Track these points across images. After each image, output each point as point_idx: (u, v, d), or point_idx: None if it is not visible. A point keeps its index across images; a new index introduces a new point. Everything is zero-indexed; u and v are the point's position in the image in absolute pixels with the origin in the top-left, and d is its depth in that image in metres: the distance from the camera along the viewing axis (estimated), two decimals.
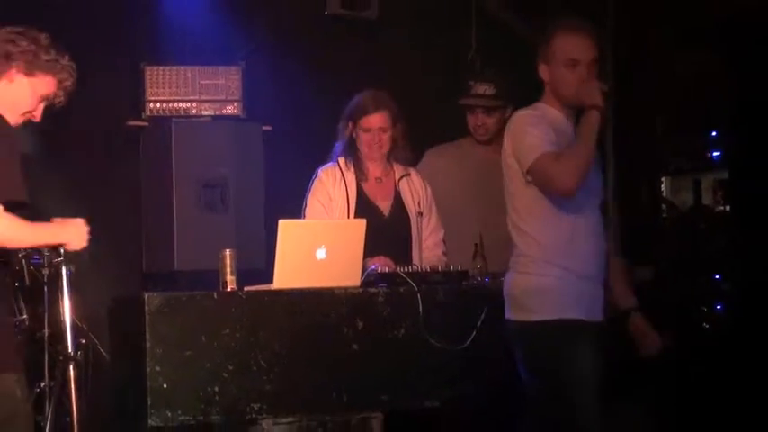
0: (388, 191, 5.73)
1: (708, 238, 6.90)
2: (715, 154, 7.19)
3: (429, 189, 5.80)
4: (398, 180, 5.74)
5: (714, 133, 7.08)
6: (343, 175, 5.65)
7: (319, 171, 5.69)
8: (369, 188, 5.69)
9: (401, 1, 7.16)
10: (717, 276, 6.82)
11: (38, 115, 4.29)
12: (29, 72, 4.20)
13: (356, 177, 5.67)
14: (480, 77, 6.29)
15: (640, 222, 7.38)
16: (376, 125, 5.64)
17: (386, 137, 5.66)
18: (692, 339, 5.98)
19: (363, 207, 5.60)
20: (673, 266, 6.57)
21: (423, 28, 7.33)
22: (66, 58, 4.27)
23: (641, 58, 7.14)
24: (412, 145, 5.82)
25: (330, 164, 5.70)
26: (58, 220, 4.24)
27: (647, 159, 7.46)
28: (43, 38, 4.23)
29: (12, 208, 4.05)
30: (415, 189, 5.75)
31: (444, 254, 5.75)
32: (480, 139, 6.29)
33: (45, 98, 4.27)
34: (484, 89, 6.25)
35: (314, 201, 5.62)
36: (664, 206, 7.55)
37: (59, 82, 4.26)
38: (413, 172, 5.81)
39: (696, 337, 6.30)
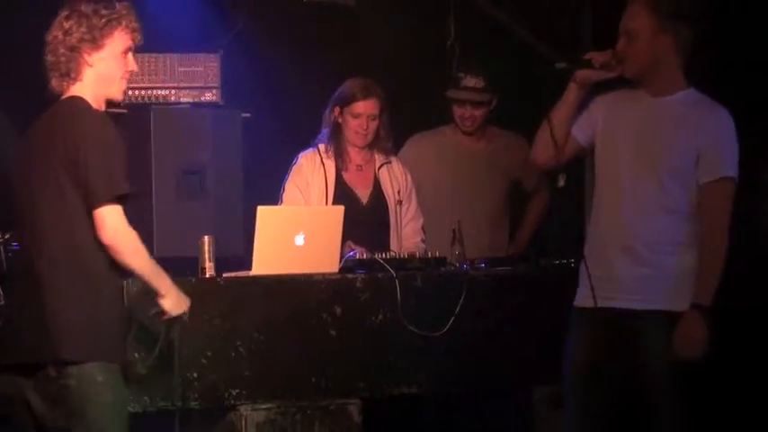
0: (367, 179, 5.75)
1: None
2: None
3: (409, 177, 5.82)
4: (378, 168, 5.75)
5: None
6: (322, 161, 5.67)
7: (299, 156, 5.71)
8: (348, 176, 5.70)
9: None
10: None
11: (134, 66, 4.32)
12: (97, 47, 4.20)
13: (336, 165, 5.68)
14: (470, 70, 6.30)
15: None
16: (365, 112, 5.66)
17: (374, 124, 5.68)
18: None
19: (342, 194, 5.62)
20: None
21: (401, 14, 7.33)
22: (115, 4, 4.25)
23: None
24: (393, 136, 5.84)
25: (310, 149, 5.72)
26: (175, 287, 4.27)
27: None
28: (84, 7, 4.20)
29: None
30: (395, 177, 5.76)
31: (423, 241, 5.77)
32: (466, 130, 6.31)
33: (128, 49, 4.28)
34: (474, 82, 6.27)
35: (291, 186, 5.64)
36: None
37: (128, 30, 4.27)
38: (394, 160, 5.83)
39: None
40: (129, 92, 6.34)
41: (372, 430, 5.05)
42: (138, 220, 6.24)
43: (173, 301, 4.24)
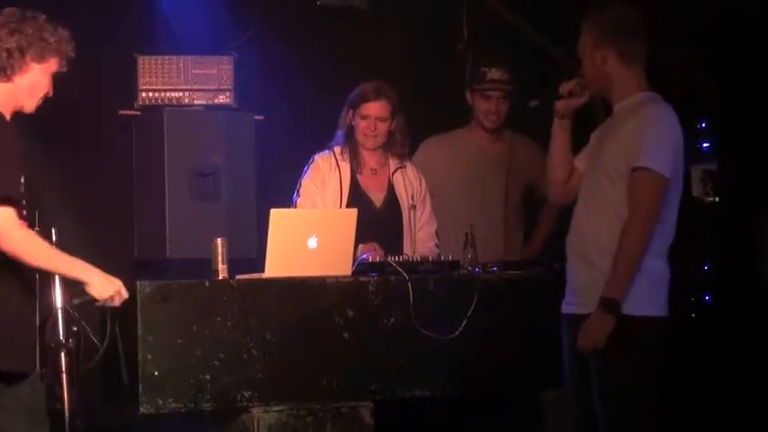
0: (382, 183, 5.75)
1: (696, 229, 6.92)
2: (704, 145, 7.20)
3: (424, 182, 5.82)
4: (393, 172, 5.75)
5: (703, 124, 7.09)
6: (338, 163, 5.68)
7: (316, 157, 5.72)
8: (363, 179, 5.71)
9: None
10: (705, 267, 6.84)
11: (50, 91, 4.36)
12: (41, 59, 4.25)
13: (351, 167, 5.68)
14: (494, 63, 6.29)
15: None
16: (374, 113, 5.66)
17: (383, 126, 5.67)
18: (679, 329, 5.99)
19: (356, 197, 5.63)
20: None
21: (414, 17, 7.34)
22: (64, 30, 4.33)
23: None
24: (409, 138, 5.84)
25: (326, 151, 5.73)
26: (97, 271, 4.24)
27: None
28: (42, 19, 4.27)
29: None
30: (409, 182, 5.76)
31: (437, 246, 5.77)
32: (490, 125, 6.30)
33: (55, 74, 4.34)
34: (500, 74, 6.26)
35: (308, 182, 5.64)
36: None
37: (66, 56, 4.34)
38: (408, 165, 5.82)
39: (684, 328, 6.32)
40: (143, 94, 6.38)
41: None
42: (151, 222, 6.33)
43: (98, 286, 4.23)
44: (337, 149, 5.71)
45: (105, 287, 4.22)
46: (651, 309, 4.60)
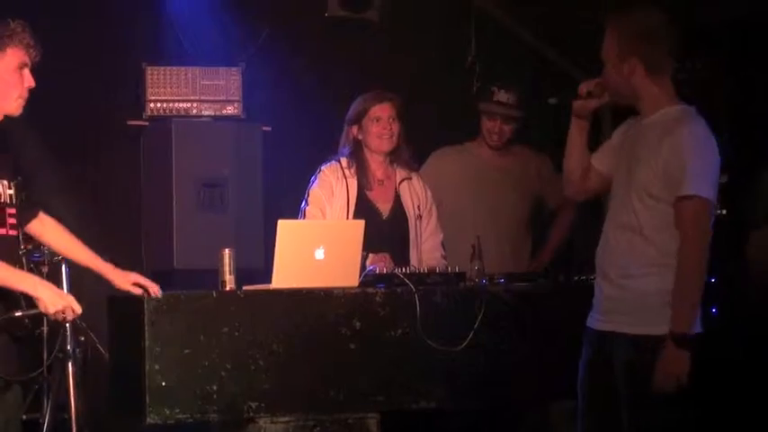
0: (388, 193, 5.74)
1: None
2: None
3: (429, 193, 5.81)
4: (399, 183, 5.75)
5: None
6: (345, 175, 5.66)
7: (323, 167, 5.69)
8: (370, 191, 5.70)
9: (401, 3, 7.18)
10: (712, 279, 6.82)
11: (31, 82, 4.30)
12: None
13: (359, 181, 5.66)
14: (503, 85, 6.29)
15: None
16: (385, 114, 5.63)
17: (396, 126, 5.64)
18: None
19: (363, 207, 5.62)
20: None
21: (423, 30, 7.35)
22: (9, 22, 4.26)
23: None
24: (412, 147, 5.83)
25: (333, 162, 5.71)
26: (49, 284, 4.22)
27: None
28: None
29: None
30: (415, 192, 5.76)
31: (444, 257, 5.77)
32: (493, 144, 6.31)
33: (23, 65, 4.28)
34: (507, 97, 6.26)
35: (317, 190, 5.60)
36: None
37: (22, 46, 4.26)
38: (414, 176, 5.81)
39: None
40: (151, 104, 6.39)
41: None
42: (158, 232, 6.35)
43: (47, 300, 4.17)
44: (344, 161, 5.69)
45: (54, 301, 4.17)
46: (696, 327, 4.47)
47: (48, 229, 4.56)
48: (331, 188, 5.61)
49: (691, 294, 4.40)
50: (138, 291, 4.65)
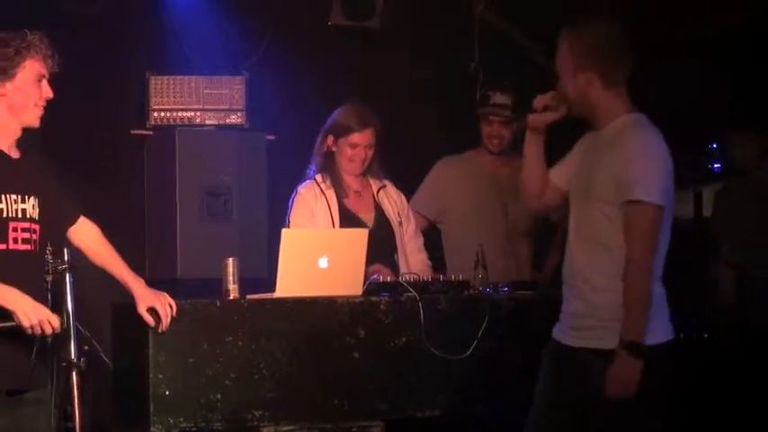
0: (368, 203, 5.73)
1: (708, 249, 6.91)
2: (716, 166, 7.20)
3: (404, 198, 5.81)
4: (377, 192, 5.74)
5: (714, 145, 7.10)
6: (322, 191, 5.63)
7: (299, 188, 5.66)
8: (350, 202, 5.67)
9: (404, 11, 7.19)
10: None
11: (48, 93, 4.31)
12: (9, 77, 4.23)
13: (336, 193, 5.65)
14: (499, 87, 6.30)
15: None
16: (362, 143, 5.62)
17: (370, 153, 5.65)
18: (691, 351, 6.00)
19: (347, 221, 5.59)
20: (673, 278, 6.59)
21: (425, 38, 7.36)
22: (27, 33, 4.25)
23: (639, 71, 7.17)
24: (413, 156, 5.84)
25: (307, 181, 5.68)
26: (27, 298, 4.19)
27: None
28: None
29: None
30: (393, 199, 5.75)
31: (428, 258, 5.77)
32: (493, 149, 6.30)
33: (41, 77, 4.29)
34: (503, 99, 6.26)
35: (297, 215, 5.56)
36: None
37: (40, 57, 4.27)
38: (388, 183, 5.79)
39: (696, 350, 6.33)
40: (155, 113, 6.40)
41: None
42: (162, 241, 6.35)
43: (22, 314, 4.15)
44: (318, 177, 5.65)
45: (29, 315, 4.15)
46: (661, 335, 4.47)
47: (83, 238, 4.57)
48: (310, 210, 5.58)
49: (638, 301, 4.37)
50: (149, 319, 4.64)
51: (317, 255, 5.01)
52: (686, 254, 4.74)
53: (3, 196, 4.22)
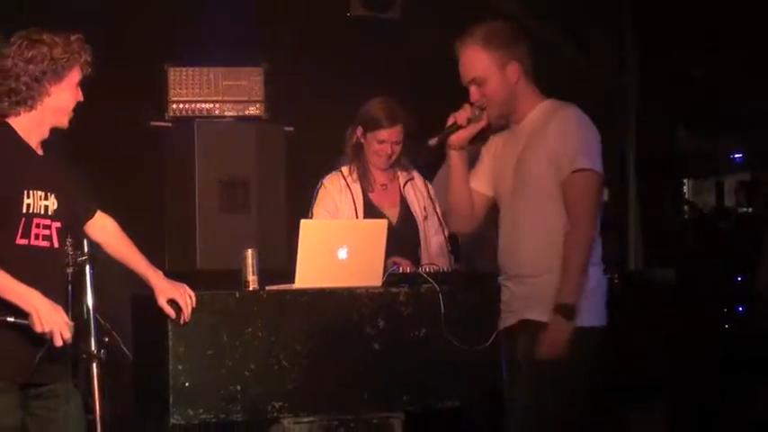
0: (393, 197, 5.69)
1: (730, 240, 6.89)
2: (737, 156, 7.17)
3: (431, 188, 5.75)
4: (403, 185, 5.70)
5: (736, 135, 7.07)
6: (347, 184, 5.61)
7: (324, 180, 5.64)
8: (375, 196, 5.64)
9: (424, 2, 7.17)
10: (738, 278, 6.81)
11: (80, 96, 4.35)
12: (59, 79, 4.25)
13: (361, 186, 5.62)
14: None
15: (662, 224, 7.38)
16: (390, 139, 5.60)
17: (398, 148, 5.62)
18: (712, 341, 5.98)
19: (371, 215, 5.55)
20: (694, 267, 6.57)
21: (445, 29, 7.33)
22: (73, 37, 4.29)
23: (662, 62, 7.15)
24: (435, 150, 5.81)
25: (333, 173, 5.66)
26: (46, 303, 4.17)
27: (669, 162, 7.46)
28: (47, 37, 4.26)
29: None
30: (419, 192, 5.70)
31: (451, 252, 5.74)
32: None
33: (80, 82, 4.33)
34: None
35: (320, 210, 5.55)
36: (686, 208, 7.55)
37: (84, 62, 4.31)
38: (416, 174, 5.75)
39: (716, 339, 6.31)
40: (174, 105, 6.40)
41: None
42: (181, 233, 6.35)
43: (35, 318, 4.12)
44: (345, 170, 5.63)
45: (45, 321, 4.12)
46: (598, 319, 4.55)
47: (101, 233, 4.57)
48: (334, 203, 5.56)
49: (580, 267, 4.45)
50: (169, 311, 4.65)
51: (337, 245, 4.99)
52: (708, 242, 4.71)
53: (30, 192, 4.23)
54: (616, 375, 5.50)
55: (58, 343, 4.13)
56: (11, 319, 4.10)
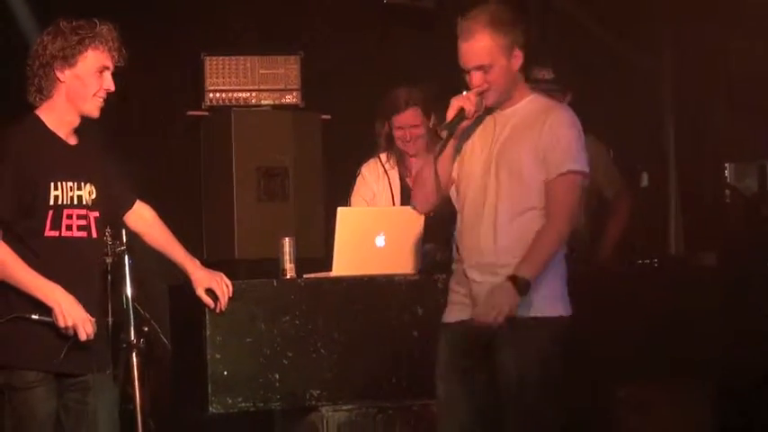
0: None
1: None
2: None
3: None
4: None
5: None
6: (385, 170, 5.67)
7: (362, 168, 5.72)
8: (410, 178, 5.66)
9: None
10: None
11: (110, 85, 4.28)
12: (69, 64, 4.22)
13: (399, 172, 5.68)
14: (539, 62, 6.25)
15: (704, 208, 7.32)
16: (407, 123, 5.64)
17: (417, 132, 5.65)
18: (754, 325, 5.90)
19: (408, 201, 5.57)
20: (736, 252, 6.50)
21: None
22: (96, 24, 4.24)
23: (703, 45, 7.09)
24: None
25: (371, 160, 5.73)
26: (69, 298, 4.16)
27: (711, 145, 7.41)
28: (62, 23, 4.23)
29: None
30: None
31: None
32: None
33: (103, 68, 4.26)
34: (543, 74, 6.21)
35: (357, 198, 5.65)
36: (728, 192, 7.49)
37: (105, 49, 4.25)
38: None
39: (759, 323, 6.23)
40: (211, 94, 6.40)
41: None
42: (219, 222, 6.36)
43: (58, 312, 4.11)
44: (383, 156, 5.72)
45: (68, 316, 4.12)
46: (567, 309, 4.44)
47: (140, 222, 4.55)
48: (371, 190, 5.63)
49: (548, 256, 4.34)
50: (208, 301, 4.65)
51: (374, 233, 4.99)
52: (750, 226, 4.67)
53: (58, 183, 4.22)
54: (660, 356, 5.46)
55: (83, 337, 4.13)
56: (35, 317, 4.11)
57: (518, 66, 4.47)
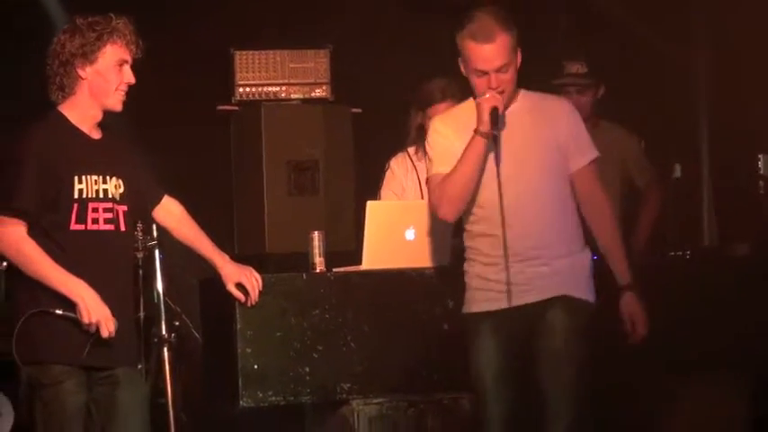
0: None
1: None
2: None
3: None
4: None
5: None
6: (414, 164, 5.65)
7: (390, 162, 5.71)
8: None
9: None
10: None
11: (130, 78, 4.31)
12: (90, 60, 4.24)
13: (427, 165, 5.62)
14: (571, 56, 6.23)
15: (737, 199, 7.28)
16: None
17: None
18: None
19: None
20: None
21: (513, 10, 7.27)
22: (111, 18, 4.26)
23: (737, 37, 7.05)
24: None
25: (400, 153, 5.72)
26: (92, 295, 4.17)
27: (744, 137, 7.36)
28: (78, 21, 4.26)
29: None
30: None
31: None
32: None
33: (122, 62, 4.28)
34: (576, 68, 6.18)
35: (387, 192, 5.64)
36: (761, 183, 7.43)
37: (123, 43, 4.27)
38: None
39: None
40: (240, 89, 6.41)
41: None
42: (250, 216, 6.36)
43: (82, 308, 4.12)
44: (411, 150, 5.71)
45: (92, 312, 4.13)
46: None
47: (168, 217, 4.57)
48: (400, 185, 5.63)
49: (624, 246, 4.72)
50: (239, 295, 4.66)
51: (404, 226, 4.98)
52: None
53: (83, 177, 4.23)
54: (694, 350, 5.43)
55: (104, 334, 4.14)
56: (59, 312, 4.13)
57: (519, 63, 4.54)
